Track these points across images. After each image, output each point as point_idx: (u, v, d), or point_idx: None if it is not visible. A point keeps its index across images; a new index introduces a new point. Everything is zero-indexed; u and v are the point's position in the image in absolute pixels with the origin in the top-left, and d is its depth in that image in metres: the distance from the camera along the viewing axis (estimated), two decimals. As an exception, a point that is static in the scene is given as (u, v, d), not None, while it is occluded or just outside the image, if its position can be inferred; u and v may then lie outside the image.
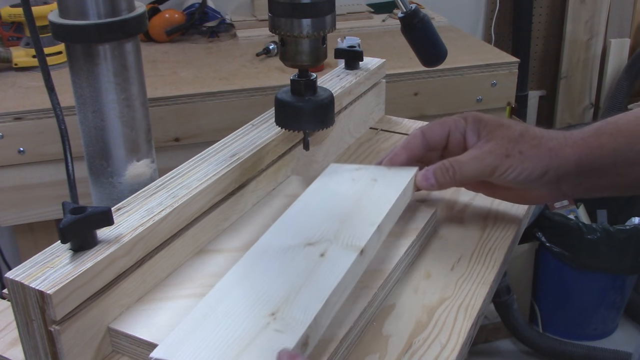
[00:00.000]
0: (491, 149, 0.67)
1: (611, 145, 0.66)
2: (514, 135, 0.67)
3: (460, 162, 0.69)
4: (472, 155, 0.68)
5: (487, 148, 0.68)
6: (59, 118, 0.75)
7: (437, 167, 0.69)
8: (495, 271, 0.69)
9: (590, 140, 0.67)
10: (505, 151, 0.67)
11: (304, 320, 0.52)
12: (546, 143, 0.67)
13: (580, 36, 2.35)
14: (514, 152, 0.67)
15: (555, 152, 0.67)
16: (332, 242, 0.62)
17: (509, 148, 0.67)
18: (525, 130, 0.68)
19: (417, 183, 0.71)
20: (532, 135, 0.68)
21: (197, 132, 1.37)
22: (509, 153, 0.67)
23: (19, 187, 1.32)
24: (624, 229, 1.86)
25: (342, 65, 0.98)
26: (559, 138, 0.68)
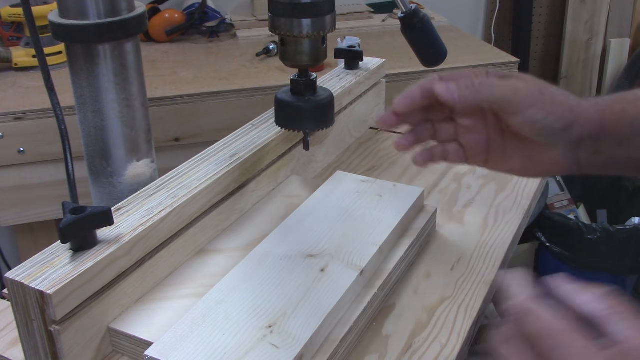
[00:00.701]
0: (523, 84, 0.63)
1: (633, 112, 0.63)
2: (544, 84, 0.63)
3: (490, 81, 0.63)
4: (503, 82, 0.63)
5: (518, 81, 0.63)
6: (59, 118, 0.75)
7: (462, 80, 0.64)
8: (495, 271, 0.69)
9: (612, 105, 0.64)
10: (538, 89, 0.62)
11: (300, 338, 0.52)
12: (573, 100, 0.63)
13: (580, 36, 2.35)
14: (546, 92, 0.62)
15: (581, 109, 0.63)
16: (334, 257, 0.63)
17: (541, 88, 0.63)
18: (551, 85, 0.64)
19: (437, 92, 0.63)
20: (559, 90, 0.64)
21: (197, 132, 1.37)
22: (542, 91, 0.62)
23: (19, 187, 1.32)
24: (624, 229, 1.86)
25: (342, 65, 0.98)
26: (582, 100, 0.64)
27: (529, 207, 0.81)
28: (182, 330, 0.54)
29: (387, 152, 0.95)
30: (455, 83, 0.63)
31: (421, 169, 0.89)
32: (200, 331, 0.54)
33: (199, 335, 0.53)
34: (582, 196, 2.19)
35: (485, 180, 0.86)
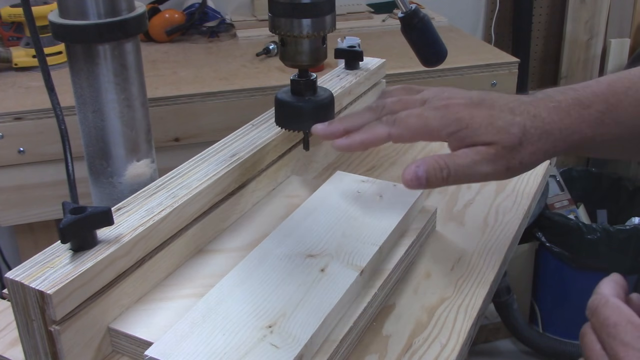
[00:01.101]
0: (489, 156, 0.61)
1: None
2: (513, 143, 0.61)
3: (457, 164, 0.62)
4: (470, 159, 0.61)
5: (484, 155, 0.61)
6: (59, 118, 0.75)
7: (431, 166, 0.62)
8: (495, 271, 0.69)
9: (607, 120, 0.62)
10: (506, 163, 0.61)
11: (300, 338, 0.53)
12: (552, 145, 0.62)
13: (580, 36, 2.35)
14: (514, 164, 0.62)
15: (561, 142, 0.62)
16: (334, 257, 0.63)
17: (509, 159, 0.61)
18: (524, 132, 0.61)
19: (405, 182, 0.62)
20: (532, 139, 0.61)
21: (197, 132, 1.37)
22: (509, 165, 0.62)
23: (19, 187, 1.32)
24: (624, 229, 1.86)
25: (342, 65, 0.98)
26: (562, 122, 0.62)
27: (529, 207, 0.81)
28: (182, 330, 0.54)
29: (387, 152, 0.95)
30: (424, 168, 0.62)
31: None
32: (200, 331, 0.54)
33: (199, 335, 0.53)
34: (582, 196, 2.19)
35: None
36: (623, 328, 0.45)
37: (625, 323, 0.46)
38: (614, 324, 0.46)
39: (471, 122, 0.62)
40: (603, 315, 0.47)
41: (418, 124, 0.63)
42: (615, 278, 0.50)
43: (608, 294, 0.48)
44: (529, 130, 0.61)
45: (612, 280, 0.50)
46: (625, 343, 0.45)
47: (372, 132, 0.65)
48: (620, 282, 0.50)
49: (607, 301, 0.48)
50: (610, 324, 0.46)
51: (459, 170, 0.61)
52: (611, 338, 0.46)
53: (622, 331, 0.45)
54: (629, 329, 0.45)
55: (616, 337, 0.45)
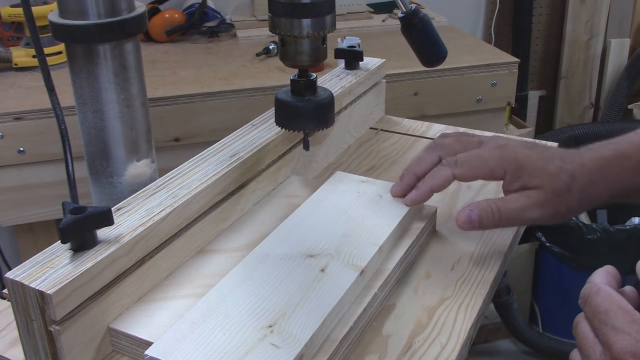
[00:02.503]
0: (538, 201, 0.66)
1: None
2: (562, 189, 0.66)
3: (508, 209, 0.67)
4: (521, 204, 0.66)
5: (534, 199, 0.66)
6: (59, 118, 0.75)
7: (483, 210, 0.67)
8: (495, 271, 0.69)
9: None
10: (554, 208, 0.66)
11: (300, 337, 0.53)
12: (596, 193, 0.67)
13: (580, 36, 2.35)
14: (562, 209, 0.66)
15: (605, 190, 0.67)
16: (334, 257, 0.63)
17: (557, 204, 0.66)
18: (572, 178, 0.66)
19: (459, 224, 0.68)
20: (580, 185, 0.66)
21: (197, 132, 1.37)
22: (557, 210, 0.66)
23: (19, 187, 1.32)
24: (624, 229, 1.86)
25: (342, 65, 0.98)
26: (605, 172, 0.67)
27: (529, 207, 0.81)
28: (182, 330, 0.54)
29: (387, 152, 0.95)
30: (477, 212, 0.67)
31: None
32: (201, 331, 0.54)
33: (199, 335, 0.53)
34: (582, 196, 2.19)
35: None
36: (614, 314, 0.46)
37: (616, 309, 0.47)
38: (605, 311, 0.47)
39: (526, 162, 0.66)
40: (595, 302, 0.48)
41: (478, 163, 0.68)
42: (608, 269, 0.51)
43: (600, 283, 0.49)
44: (577, 177, 0.66)
45: (605, 270, 0.51)
46: (616, 328, 0.46)
47: (439, 176, 0.69)
48: (613, 273, 0.51)
49: (598, 289, 0.49)
50: (601, 310, 0.48)
51: (510, 214, 0.66)
52: (602, 324, 0.47)
53: (613, 317, 0.46)
54: (619, 315, 0.46)
55: (607, 323, 0.46)
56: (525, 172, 0.66)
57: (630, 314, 0.46)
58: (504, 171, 0.67)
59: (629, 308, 0.47)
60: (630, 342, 0.45)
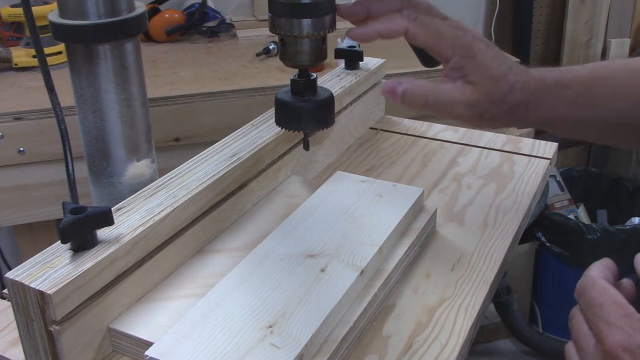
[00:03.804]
0: (469, 100, 0.64)
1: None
2: (495, 97, 0.64)
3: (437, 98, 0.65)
4: (451, 97, 0.65)
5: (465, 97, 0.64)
6: (59, 118, 0.75)
7: (411, 89, 0.65)
8: (495, 271, 0.69)
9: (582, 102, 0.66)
10: (481, 111, 0.65)
11: (301, 338, 0.53)
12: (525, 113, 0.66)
13: (580, 36, 2.35)
14: (488, 115, 0.65)
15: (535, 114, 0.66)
16: (334, 257, 0.63)
17: (486, 109, 0.65)
18: (510, 90, 0.64)
19: (382, 90, 0.67)
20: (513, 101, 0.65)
21: (197, 132, 1.37)
22: (483, 114, 0.65)
23: (19, 187, 1.32)
24: (624, 229, 1.86)
25: (342, 65, 0.98)
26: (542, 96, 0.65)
27: (529, 207, 0.81)
28: (182, 330, 0.54)
29: (387, 152, 0.95)
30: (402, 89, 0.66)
31: (421, 169, 0.89)
32: (201, 331, 0.54)
33: (199, 335, 0.53)
34: (582, 196, 2.19)
35: (485, 180, 0.86)
36: (608, 307, 0.47)
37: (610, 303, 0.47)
38: (599, 304, 0.47)
39: (476, 55, 0.65)
40: (589, 296, 0.48)
41: (434, 33, 0.65)
42: (605, 262, 0.51)
43: (595, 276, 0.49)
44: (515, 92, 0.65)
45: (602, 263, 0.51)
46: (609, 322, 0.46)
47: (391, 23, 0.66)
48: (610, 266, 0.51)
49: (594, 282, 0.49)
50: (595, 304, 0.48)
51: (436, 104, 0.65)
52: (596, 317, 0.47)
53: (606, 311, 0.47)
54: (613, 309, 0.46)
55: (601, 317, 0.47)
56: (469, 64, 0.65)
57: (623, 308, 0.46)
58: (452, 54, 0.65)
59: (623, 302, 0.47)
60: (623, 337, 0.45)
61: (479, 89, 0.64)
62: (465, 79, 0.65)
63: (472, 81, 0.65)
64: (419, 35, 0.66)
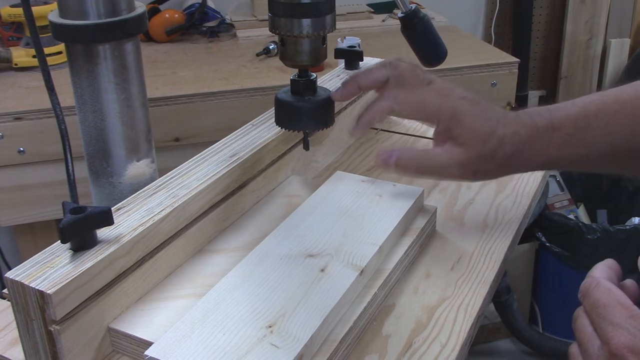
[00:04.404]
0: (460, 161, 0.67)
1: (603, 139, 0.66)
2: (486, 154, 0.66)
3: (428, 166, 0.68)
4: (443, 161, 0.67)
5: (456, 158, 0.67)
6: (59, 118, 0.75)
7: (404, 158, 0.68)
8: (495, 271, 0.69)
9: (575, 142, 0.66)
10: (474, 169, 0.67)
11: (300, 337, 0.53)
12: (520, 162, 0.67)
13: (580, 36, 2.35)
14: (482, 171, 0.67)
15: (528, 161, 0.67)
16: (333, 257, 0.63)
17: (479, 167, 0.67)
18: (500, 145, 0.66)
19: (377, 160, 0.70)
20: (505, 154, 0.66)
21: (197, 132, 1.37)
22: (476, 172, 0.67)
23: (19, 187, 1.32)
24: (624, 229, 1.86)
25: (342, 65, 0.98)
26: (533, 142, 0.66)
27: (529, 207, 0.81)
28: (182, 330, 0.54)
29: (387, 152, 0.94)
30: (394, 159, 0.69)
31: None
32: (200, 331, 0.54)
33: (199, 335, 0.53)
34: (582, 196, 2.19)
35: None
36: (612, 309, 0.46)
37: (615, 304, 0.47)
38: (603, 305, 0.47)
39: (462, 118, 0.67)
40: (594, 297, 0.48)
41: (418, 107, 0.69)
42: (608, 263, 0.51)
43: (599, 277, 0.49)
44: (505, 145, 0.66)
45: (605, 264, 0.51)
46: (614, 323, 0.46)
47: (378, 109, 0.71)
48: (614, 267, 0.51)
49: (598, 283, 0.49)
50: (600, 305, 0.48)
51: (429, 170, 0.69)
52: (601, 319, 0.47)
53: (611, 312, 0.46)
54: (618, 310, 0.46)
55: (606, 318, 0.47)
56: (457, 127, 0.66)
57: (629, 309, 0.46)
58: (437, 121, 0.68)
59: (628, 303, 0.47)
60: (628, 338, 0.45)
61: (468, 149, 0.66)
62: (454, 141, 0.67)
63: (461, 143, 0.67)
64: (404, 113, 0.71)
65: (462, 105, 0.67)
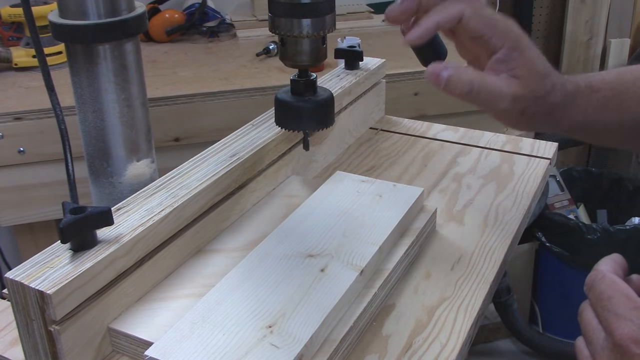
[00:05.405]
0: (515, 93, 0.63)
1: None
2: (541, 94, 0.64)
3: (482, 87, 0.63)
4: (498, 89, 0.63)
5: (512, 90, 0.63)
6: (59, 118, 0.75)
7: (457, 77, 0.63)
8: (495, 271, 0.69)
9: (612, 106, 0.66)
10: (524, 107, 0.64)
11: (300, 338, 0.53)
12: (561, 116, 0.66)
13: (580, 36, 2.35)
14: (530, 112, 0.64)
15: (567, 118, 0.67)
16: (333, 257, 0.63)
17: (530, 106, 0.64)
18: (552, 89, 0.64)
19: (427, 74, 0.64)
20: (554, 100, 0.65)
21: (197, 132, 1.37)
22: (525, 111, 0.64)
23: (19, 187, 1.32)
24: (624, 229, 1.86)
25: (342, 65, 0.98)
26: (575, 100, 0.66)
27: (529, 207, 0.81)
28: (182, 330, 0.54)
29: (387, 152, 0.95)
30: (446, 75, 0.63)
31: (421, 169, 0.89)
32: (200, 331, 0.54)
33: (199, 335, 0.53)
34: (582, 196, 2.19)
35: (485, 180, 0.86)
36: (617, 300, 0.47)
37: (619, 296, 0.47)
38: (608, 297, 0.47)
39: (525, 49, 0.64)
40: (599, 289, 0.48)
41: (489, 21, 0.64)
42: (614, 257, 0.51)
43: (605, 270, 0.49)
44: (556, 92, 0.65)
45: (611, 258, 0.51)
46: (618, 315, 0.46)
47: (449, 9, 0.64)
48: (619, 261, 0.51)
49: (603, 276, 0.49)
50: (604, 297, 0.48)
51: (482, 95, 0.63)
52: (606, 311, 0.47)
53: (615, 303, 0.47)
54: (622, 301, 0.47)
55: (610, 310, 0.47)
56: (518, 58, 0.64)
57: (633, 301, 0.46)
58: (502, 43, 0.64)
59: (633, 295, 0.47)
60: (632, 329, 0.45)
61: (524, 84, 0.63)
62: (511, 72, 0.64)
63: (518, 75, 0.63)
64: (474, 23, 0.64)
65: (526, 39, 0.65)
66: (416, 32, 0.63)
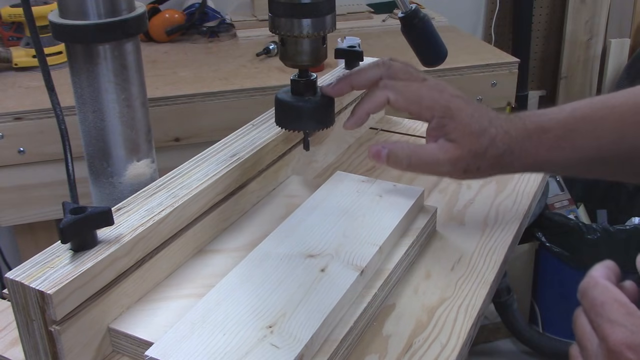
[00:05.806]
0: (452, 157, 0.67)
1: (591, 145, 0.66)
2: (478, 151, 0.67)
3: (420, 160, 0.68)
4: (435, 157, 0.68)
5: (449, 155, 0.67)
6: (59, 118, 0.75)
7: (394, 152, 0.69)
8: (495, 271, 0.69)
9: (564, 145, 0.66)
10: (465, 166, 0.67)
11: (301, 338, 0.53)
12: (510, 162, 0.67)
13: (580, 36, 2.35)
14: (472, 168, 0.68)
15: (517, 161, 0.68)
16: (334, 257, 0.63)
17: (470, 164, 0.67)
18: (492, 143, 0.66)
19: (369, 153, 0.71)
20: (496, 152, 0.67)
21: (197, 132, 1.37)
22: (467, 169, 0.68)
23: (19, 187, 1.32)
24: (624, 229, 1.86)
25: (342, 65, 0.98)
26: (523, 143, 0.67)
27: (529, 207, 0.81)
28: (182, 331, 0.54)
29: (387, 152, 0.94)
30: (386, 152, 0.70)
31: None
32: (201, 331, 0.54)
33: (199, 336, 0.53)
34: (582, 196, 2.19)
35: (485, 180, 0.86)
36: (610, 306, 0.47)
37: (612, 302, 0.47)
38: (601, 304, 0.48)
39: (455, 115, 0.67)
40: (591, 295, 0.49)
41: (414, 99, 0.69)
42: (607, 263, 0.52)
43: (597, 276, 0.50)
44: (497, 143, 0.67)
45: (604, 265, 0.51)
46: (611, 320, 0.46)
47: (375, 99, 0.70)
48: (612, 268, 0.51)
49: (596, 283, 0.49)
50: (597, 303, 0.48)
51: (420, 166, 0.69)
52: (599, 317, 0.47)
53: (608, 309, 0.47)
54: (615, 307, 0.47)
55: (603, 315, 0.47)
56: (450, 123, 0.67)
57: (626, 307, 0.46)
58: (431, 115, 0.68)
59: (625, 301, 0.47)
60: (626, 334, 0.45)
61: (460, 146, 0.67)
62: (446, 137, 0.68)
63: (453, 139, 0.67)
64: (400, 104, 0.70)
65: (456, 102, 0.68)
66: (351, 121, 0.72)
